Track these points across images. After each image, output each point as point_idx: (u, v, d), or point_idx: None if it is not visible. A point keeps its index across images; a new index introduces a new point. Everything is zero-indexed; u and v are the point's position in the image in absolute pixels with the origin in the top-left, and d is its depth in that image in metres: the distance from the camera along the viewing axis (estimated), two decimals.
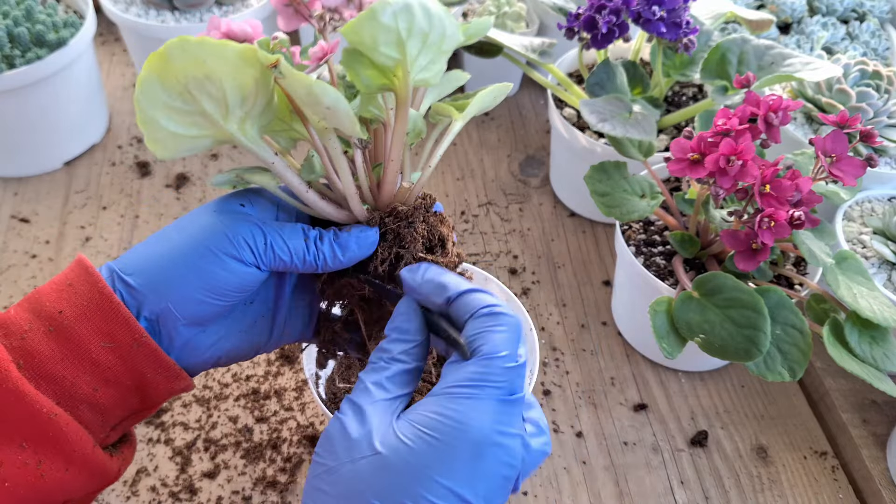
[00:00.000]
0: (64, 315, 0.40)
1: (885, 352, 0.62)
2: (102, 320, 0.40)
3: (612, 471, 0.69)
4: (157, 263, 0.42)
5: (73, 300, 0.41)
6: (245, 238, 0.42)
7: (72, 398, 0.40)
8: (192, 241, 0.42)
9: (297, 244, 0.43)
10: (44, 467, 0.39)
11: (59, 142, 0.92)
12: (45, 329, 0.40)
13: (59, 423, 0.39)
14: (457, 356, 0.40)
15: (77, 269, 0.42)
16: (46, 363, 0.40)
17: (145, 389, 0.43)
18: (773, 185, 0.58)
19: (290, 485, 0.66)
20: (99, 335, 0.40)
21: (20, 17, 0.85)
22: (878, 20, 1.01)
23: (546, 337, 0.79)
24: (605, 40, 0.76)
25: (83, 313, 0.40)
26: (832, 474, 0.70)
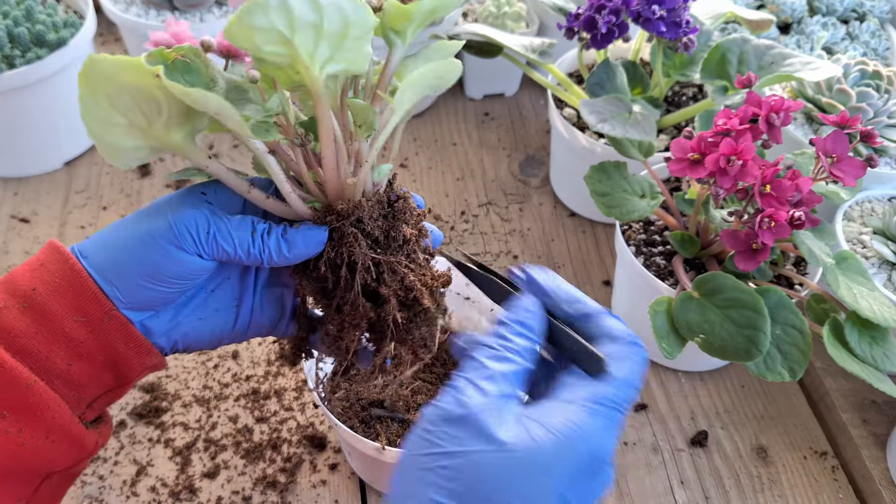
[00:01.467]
0: (37, 292, 0.41)
1: (885, 352, 0.62)
2: (74, 296, 0.41)
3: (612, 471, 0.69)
4: (106, 248, 0.43)
5: (45, 278, 0.42)
6: (188, 227, 0.42)
7: (47, 372, 0.41)
8: (138, 228, 0.43)
9: (243, 236, 0.43)
10: (24, 435, 0.40)
11: (59, 142, 0.92)
12: (20, 306, 0.41)
13: (38, 391, 0.40)
14: (577, 369, 0.39)
15: (49, 249, 0.43)
16: (21, 338, 0.40)
17: (118, 365, 0.43)
18: (773, 186, 0.58)
19: (290, 485, 0.66)
20: (71, 310, 0.41)
21: (20, 17, 0.85)
22: (878, 20, 1.01)
23: None
24: (604, 40, 0.76)
25: (55, 290, 0.41)
26: (832, 474, 0.70)
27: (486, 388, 0.37)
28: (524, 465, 0.35)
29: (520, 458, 0.35)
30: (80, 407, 0.43)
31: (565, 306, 0.41)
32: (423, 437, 0.37)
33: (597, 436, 0.37)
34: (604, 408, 0.38)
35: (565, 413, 0.37)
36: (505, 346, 0.39)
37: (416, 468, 0.37)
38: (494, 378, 0.38)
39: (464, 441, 0.36)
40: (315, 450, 0.69)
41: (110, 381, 0.44)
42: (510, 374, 0.38)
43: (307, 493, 0.66)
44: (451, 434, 0.36)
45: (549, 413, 0.37)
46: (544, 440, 0.36)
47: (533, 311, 0.41)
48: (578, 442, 0.36)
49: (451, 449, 0.36)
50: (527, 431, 0.36)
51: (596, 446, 0.37)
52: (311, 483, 0.67)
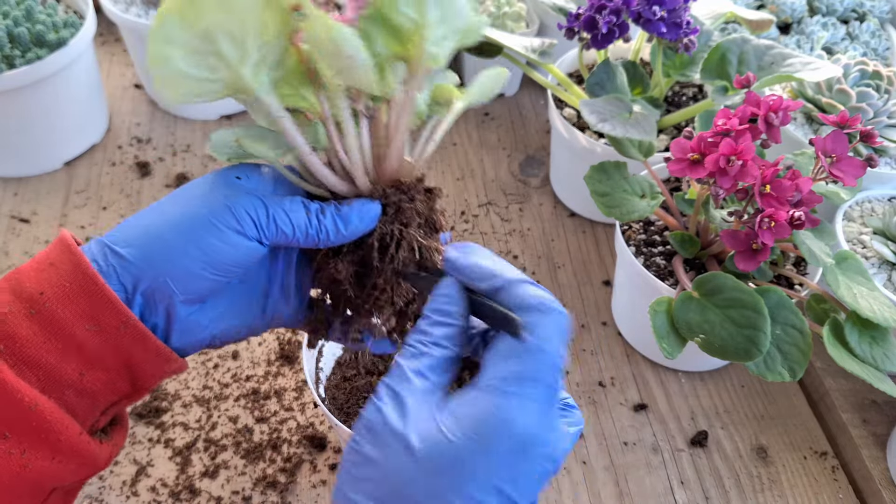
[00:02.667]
0: (45, 297, 0.38)
1: (885, 352, 0.62)
2: (87, 303, 0.38)
3: (612, 471, 0.69)
4: (153, 235, 0.40)
5: (54, 281, 0.39)
6: (247, 210, 0.41)
7: (56, 383, 0.39)
8: (192, 212, 0.40)
9: (300, 217, 0.42)
10: (28, 456, 0.38)
11: (58, 142, 0.92)
12: (26, 311, 0.38)
13: (42, 412, 0.37)
14: (502, 337, 0.38)
15: (59, 247, 0.40)
16: (28, 347, 0.38)
17: (135, 372, 0.41)
18: (773, 186, 0.58)
19: (290, 485, 0.66)
20: (83, 318, 0.38)
21: (20, 17, 0.85)
22: (878, 20, 1.01)
23: None
24: (605, 40, 0.76)
25: (66, 295, 0.38)
26: (832, 474, 0.70)
27: (399, 391, 0.37)
28: (440, 466, 0.35)
29: (434, 460, 0.35)
30: (94, 415, 0.41)
31: (479, 282, 0.41)
32: (350, 444, 0.38)
33: (516, 419, 0.35)
34: (521, 386, 0.36)
35: (482, 402, 0.36)
36: (422, 341, 0.39)
37: (345, 478, 0.37)
38: (409, 379, 0.38)
39: (379, 446, 0.36)
40: (315, 450, 0.69)
41: (126, 388, 0.42)
42: (427, 368, 0.38)
43: (307, 493, 0.66)
44: (370, 441, 0.37)
45: (467, 404, 0.36)
46: (460, 438, 0.35)
47: (449, 294, 0.41)
48: (493, 431, 0.35)
49: (371, 455, 0.36)
50: (441, 431, 0.35)
51: (516, 430, 0.35)
52: (311, 483, 0.67)
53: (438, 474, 0.35)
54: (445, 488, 0.35)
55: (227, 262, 0.41)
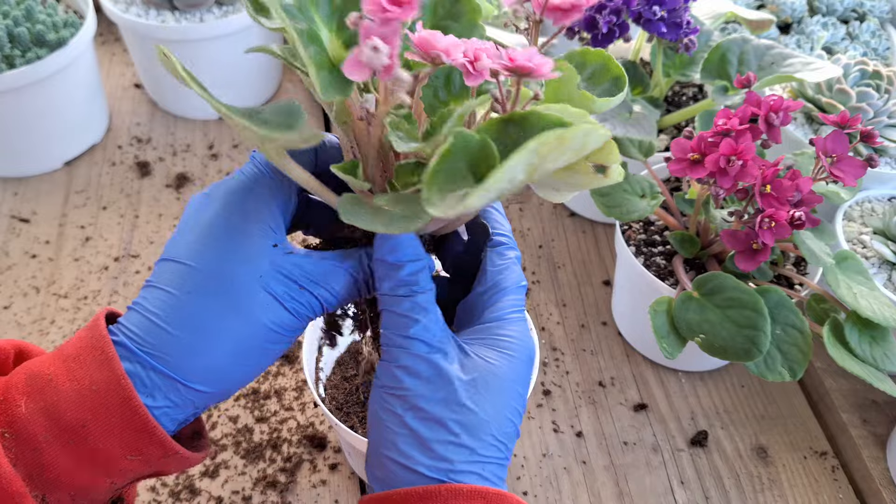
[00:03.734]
0: (88, 430, 0.35)
1: (885, 352, 0.62)
2: (131, 436, 0.36)
3: (612, 471, 0.69)
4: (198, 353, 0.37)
5: (98, 411, 0.36)
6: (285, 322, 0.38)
7: (85, 497, 0.38)
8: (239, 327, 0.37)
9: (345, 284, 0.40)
10: None
11: (58, 142, 0.92)
12: (65, 441, 0.35)
13: None
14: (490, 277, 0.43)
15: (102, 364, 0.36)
16: (62, 475, 0.36)
17: (163, 473, 0.41)
18: (773, 186, 0.58)
19: (290, 485, 0.66)
20: (126, 449, 0.36)
21: (20, 17, 0.85)
22: (878, 20, 1.01)
23: (546, 337, 0.79)
24: (605, 40, 0.76)
25: (108, 428, 0.36)
26: (832, 474, 0.70)
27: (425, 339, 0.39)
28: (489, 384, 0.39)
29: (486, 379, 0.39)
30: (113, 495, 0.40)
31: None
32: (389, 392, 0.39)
33: (526, 340, 0.42)
34: (518, 313, 0.42)
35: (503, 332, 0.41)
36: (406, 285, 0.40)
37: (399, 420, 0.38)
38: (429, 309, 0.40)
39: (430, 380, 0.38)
40: (315, 450, 0.69)
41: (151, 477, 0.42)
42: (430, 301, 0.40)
43: (307, 493, 0.66)
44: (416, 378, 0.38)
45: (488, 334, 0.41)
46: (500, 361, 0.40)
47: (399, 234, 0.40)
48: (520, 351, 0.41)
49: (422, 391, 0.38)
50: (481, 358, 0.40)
51: (530, 347, 0.42)
52: (311, 483, 0.67)
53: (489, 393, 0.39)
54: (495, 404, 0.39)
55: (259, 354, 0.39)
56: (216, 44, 0.92)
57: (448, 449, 0.38)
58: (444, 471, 0.37)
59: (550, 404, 0.74)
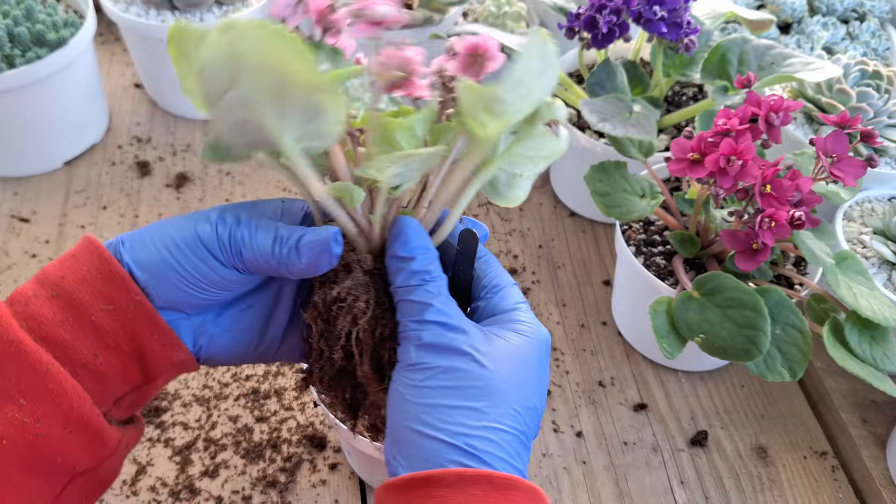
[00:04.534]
0: (66, 280, 0.41)
1: (885, 352, 0.62)
2: (102, 283, 0.41)
3: (612, 471, 0.69)
4: (147, 244, 0.42)
5: (75, 267, 0.42)
6: (220, 228, 0.42)
7: (72, 363, 0.41)
8: (184, 229, 0.42)
9: (263, 243, 0.42)
10: (42, 426, 0.39)
11: (58, 141, 0.92)
12: (49, 294, 0.41)
13: (56, 376, 0.39)
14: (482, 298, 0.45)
15: (82, 242, 0.43)
16: (48, 325, 0.40)
17: (144, 357, 0.43)
18: (773, 186, 0.58)
19: (290, 484, 0.66)
20: (99, 298, 0.41)
21: (20, 17, 0.85)
22: (878, 20, 1.01)
23: None
24: (605, 40, 0.76)
25: (84, 278, 0.41)
26: (832, 474, 0.70)
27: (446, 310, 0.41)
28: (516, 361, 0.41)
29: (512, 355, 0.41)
30: (107, 403, 0.43)
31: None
32: (412, 370, 0.40)
33: (537, 325, 0.43)
34: (526, 304, 0.45)
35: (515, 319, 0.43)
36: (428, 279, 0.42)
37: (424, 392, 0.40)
38: (449, 299, 0.42)
39: (460, 355, 0.40)
40: (315, 449, 0.69)
41: (137, 377, 0.43)
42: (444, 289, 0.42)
43: (307, 493, 0.66)
44: (444, 353, 0.40)
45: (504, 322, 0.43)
46: (522, 342, 0.42)
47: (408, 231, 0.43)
48: (537, 335, 0.43)
49: (449, 364, 0.40)
50: (503, 339, 0.41)
51: (545, 332, 0.44)
52: (311, 483, 0.67)
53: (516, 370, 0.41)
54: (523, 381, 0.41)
55: (205, 281, 0.42)
56: None
57: (465, 414, 0.39)
58: (460, 434, 0.38)
59: (550, 404, 0.74)
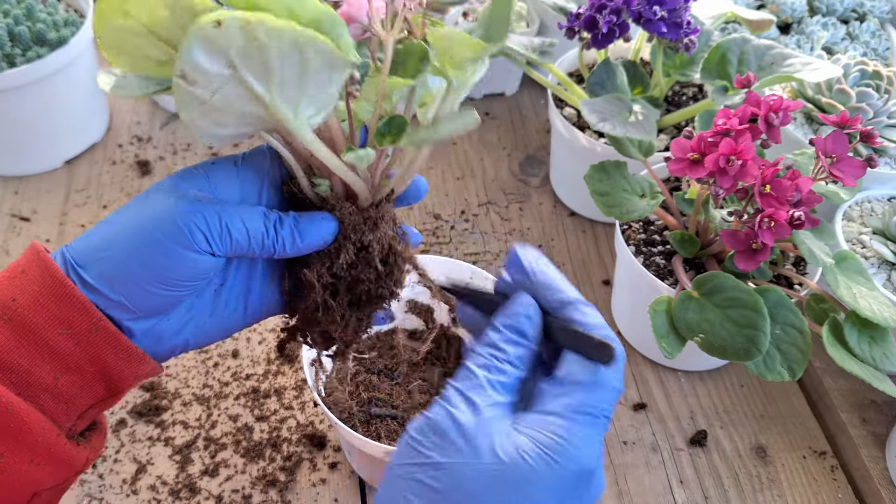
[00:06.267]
0: (17, 303, 0.39)
1: (885, 352, 0.62)
2: (58, 307, 0.39)
3: (612, 470, 0.69)
4: (107, 255, 0.40)
5: (26, 287, 0.39)
6: (198, 224, 0.39)
7: (32, 388, 0.39)
8: (143, 230, 0.39)
9: (256, 227, 0.41)
10: (7, 460, 0.38)
11: (59, 140, 0.92)
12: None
13: (19, 413, 0.38)
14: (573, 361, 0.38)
15: (30, 254, 0.40)
16: (1, 353, 0.38)
17: (109, 375, 0.41)
18: (773, 185, 0.58)
19: (290, 483, 0.66)
20: (55, 322, 0.39)
21: (21, 16, 0.85)
22: (878, 20, 1.01)
23: None
24: (605, 40, 0.76)
25: (37, 300, 0.39)
26: (831, 474, 0.70)
27: (475, 399, 0.37)
28: (510, 479, 0.35)
29: (506, 472, 0.35)
30: (71, 419, 0.41)
31: (544, 291, 0.40)
32: (410, 445, 0.37)
33: (584, 449, 0.36)
34: (589, 417, 0.37)
35: (551, 426, 0.36)
36: (496, 356, 0.38)
37: (402, 476, 0.36)
38: (484, 389, 0.37)
39: (450, 452, 0.36)
40: (315, 449, 0.69)
41: (101, 392, 0.42)
42: (500, 384, 0.38)
43: (307, 492, 0.66)
44: (438, 444, 0.36)
45: (535, 426, 0.37)
46: (532, 456, 0.35)
47: (527, 314, 0.40)
48: (566, 458, 0.36)
49: (438, 459, 0.36)
50: (515, 447, 0.36)
51: (583, 460, 0.36)
52: (310, 482, 0.67)
53: (508, 490, 0.35)
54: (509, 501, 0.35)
55: (180, 278, 0.40)
56: None
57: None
58: None
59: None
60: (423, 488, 0.35)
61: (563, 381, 0.38)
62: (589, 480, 0.37)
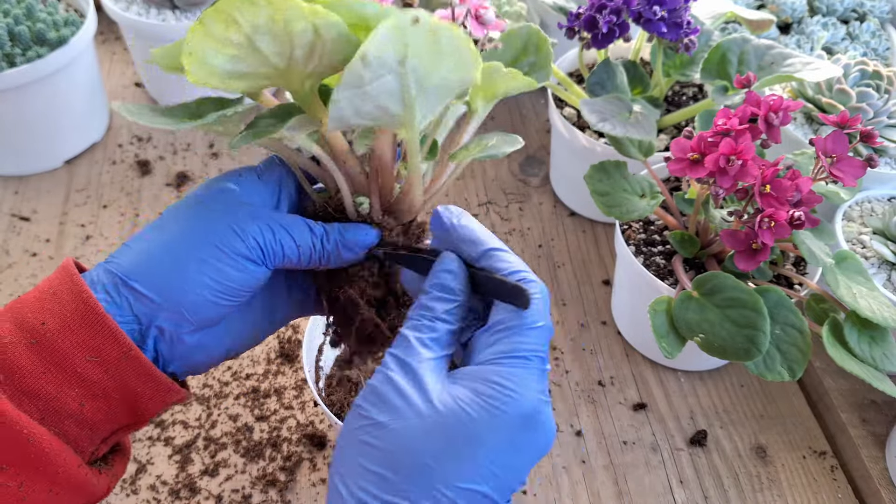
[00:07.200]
0: (47, 327, 0.38)
1: (885, 352, 0.62)
2: (87, 333, 0.38)
3: (612, 470, 0.69)
4: (163, 265, 0.40)
5: (56, 310, 0.39)
6: (254, 235, 0.40)
7: (56, 414, 0.38)
8: (197, 238, 0.40)
9: (305, 241, 0.42)
10: (26, 489, 0.37)
11: (59, 140, 0.92)
12: (27, 342, 0.38)
13: (41, 444, 0.37)
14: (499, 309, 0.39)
15: (61, 276, 0.40)
16: (28, 378, 0.38)
17: (136, 403, 0.41)
18: (773, 185, 0.58)
19: (289, 483, 0.66)
20: (84, 349, 0.38)
21: (21, 16, 0.85)
22: (878, 20, 1.01)
23: None
24: (605, 40, 0.76)
25: (66, 325, 0.38)
26: (831, 474, 0.70)
27: (407, 360, 0.38)
28: (452, 429, 0.36)
29: (446, 422, 0.36)
30: (94, 443, 0.41)
31: (465, 247, 0.41)
32: (355, 412, 0.38)
33: (522, 392, 0.37)
34: (521, 359, 0.38)
35: (486, 374, 0.37)
36: (425, 316, 0.40)
37: (351, 443, 0.37)
38: (416, 348, 0.38)
39: (388, 410, 0.36)
40: (315, 448, 0.69)
41: (127, 419, 0.42)
42: (431, 340, 0.39)
43: (307, 492, 0.66)
44: (377, 405, 0.37)
45: (470, 376, 0.37)
46: (470, 405, 0.36)
47: (452, 269, 0.41)
48: (504, 404, 0.36)
49: (379, 419, 0.36)
50: (452, 398, 0.36)
51: (524, 403, 0.36)
52: (310, 482, 0.67)
53: (450, 441, 0.35)
54: (456, 455, 0.35)
55: (240, 287, 0.41)
56: None
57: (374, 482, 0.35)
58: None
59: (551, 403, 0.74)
60: (371, 449, 0.36)
61: (492, 329, 0.39)
62: (534, 424, 0.37)
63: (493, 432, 0.36)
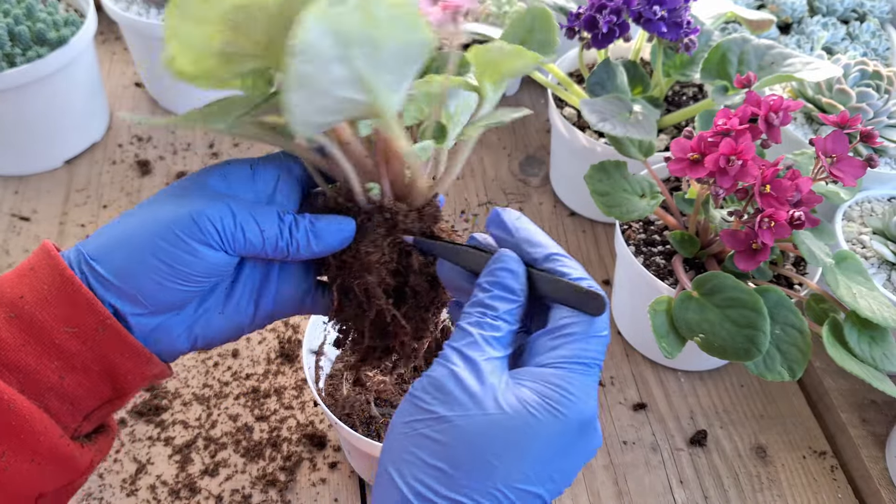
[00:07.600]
0: (25, 300, 0.39)
1: (885, 352, 0.62)
2: (65, 304, 0.39)
3: (612, 470, 0.69)
4: (123, 249, 0.40)
5: (34, 285, 0.39)
6: (212, 220, 0.40)
7: (37, 386, 0.39)
8: (157, 224, 0.40)
9: (271, 228, 0.41)
10: (7, 458, 0.38)
11: (59, 140, 0.92)
12: (6, 316, 0.39)
13: (20, 411, 0.37)
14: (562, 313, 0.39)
15: (40, 253, 0.40)
16: (7, 351, 0.38)
17: (116, 376, 0.41)
18: (773, 185, 0.58)
19: (289, 483, 0.66)
20: (62, 320, 0.39)
21: (21, 16, 0.85)
22: (878, 20, 1.01)
23: None
24: (605, 40, 0.76)
25: (44, 298, 0.39)
26: (831, 474, 0.70)
27: (472, 355, 0.37)
28: (515, 430, 0.35)
29: (511, 423, 0.36)
30: (76, 419, 0.41)
31: (528, 248, 0.41)
32: (413, 403, 0.37)
33: (584, 399, 0.37)
34: (584, 366, 0.38)
35: (550, 378, 0.37)
36: (487, 314, 0.39)
37: (407, 434, 0.37)
38: (480, 345, 0.38)
39: (453, 405, 0.36)
40: (315, 448, 0.69)
41: (108, 393, 0.42)
42: (494, 339, 0.38)
43: (307, 492, 0.66)
44: (440, 399, 0.36)
45: (534, 378, 0.37)
46: (535, 407, 0.36)
47: (513, 269, 0.40)
48: (568, 408, 0.36)
49: (442, 413, 0.36)
50: (517, 399, 0.36)
51: (585, 410, 0.37)
52: (310, 481, 0.67)
53: (515, 441, 0.35)
54: (519, 456, 0.35)
55: (194, 273, 0.40)
56: None
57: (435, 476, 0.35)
58: (423, 498, 0.35)
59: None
60: (428, 441, 0.36)
61: (556, 332, 0.39)
62: (590, 431, 0.37)
63: (556, 436, 0.36)
